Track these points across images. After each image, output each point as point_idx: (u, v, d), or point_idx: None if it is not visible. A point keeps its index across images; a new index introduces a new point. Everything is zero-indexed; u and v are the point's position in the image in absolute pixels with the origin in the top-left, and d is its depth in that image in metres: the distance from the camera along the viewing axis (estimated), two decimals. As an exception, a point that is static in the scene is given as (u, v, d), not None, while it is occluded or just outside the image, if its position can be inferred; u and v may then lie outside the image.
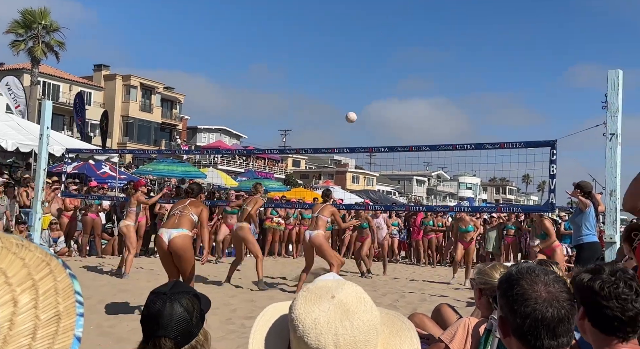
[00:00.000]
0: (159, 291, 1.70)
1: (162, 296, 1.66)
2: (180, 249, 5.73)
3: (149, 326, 1.65)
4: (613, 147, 5.98)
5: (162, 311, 1.63)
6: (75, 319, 0.65)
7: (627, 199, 2.68)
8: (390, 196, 50.44)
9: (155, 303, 1.65)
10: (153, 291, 1.73)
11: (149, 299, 1.70)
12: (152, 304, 1.66)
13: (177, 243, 5.71)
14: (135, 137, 45.57)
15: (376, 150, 8.77)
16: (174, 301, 1.65)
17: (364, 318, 1.01)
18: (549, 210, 7.98)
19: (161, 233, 5.88)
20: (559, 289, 1.37)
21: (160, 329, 1.62)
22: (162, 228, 6.04)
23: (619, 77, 6.09)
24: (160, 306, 1.64)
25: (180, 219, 5.87)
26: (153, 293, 1.71)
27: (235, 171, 41.46)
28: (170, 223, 5.91)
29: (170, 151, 31.14)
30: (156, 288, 1.75)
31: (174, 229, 5.77)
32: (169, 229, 5.81)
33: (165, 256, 5.86)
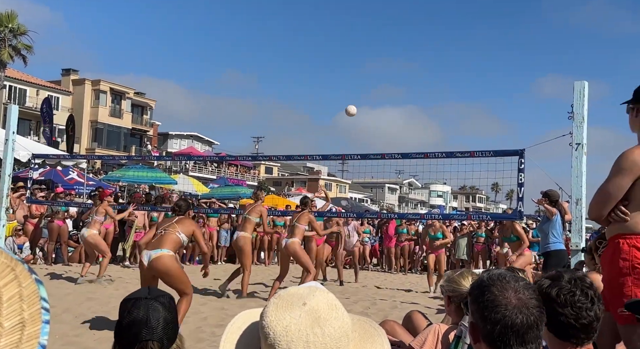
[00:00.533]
0: (138, 296, 1.69)
1: (143, 301, 1.65)
2: (161, 271, 5.27)
3: (133, 331, 1.63)
4: (579, 157, 6.13)
5: (148, 314, 1.62)
6: (40, 327, 0.63)
7: (593, 208, 2.75)
8: (363, 203, 50.68)
9: (139, 308, 1.64)
10: (129, 298, 1.71)
11: (127, 305, 1.67)
12: (136, 309, 1.64)
13: (157, 265, 5.26)
14: (105, 143, 44.78)
15: (349, 158, 8.81)
16: (157, 304, 1.65)
17: (335, 325, 1.01)
18: (518, 218, 8.14)
19: (142, 256, 5.44)
20: (529, 296, 1.39)
21: (147, 334, 1.61)
22: (144, 250, 5.52)
23: (585, 88, 6.26)
24: (146, 310, 1.63)
25: (162, 238, 5.42)
26: (131, 299, 1.69)
27: (207, 178, 41.09)
28: (152, 244, 5.44)
29: (140, 157, 30.73)
30: (131, 295, 1.73)
31: (153, 250, 5.34)
32: (149, 251, 5.37)
33: (147, 279, 5.34)
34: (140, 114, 49.41)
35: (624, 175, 2.58)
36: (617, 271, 2.57)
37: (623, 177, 2.58)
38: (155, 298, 1.67)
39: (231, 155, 21.09)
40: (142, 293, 1.71)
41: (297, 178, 61.06)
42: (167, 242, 5.39)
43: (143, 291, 1.73)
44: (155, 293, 1.71)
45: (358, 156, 8.49)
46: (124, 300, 1.71)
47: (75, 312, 6.32)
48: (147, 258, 5.32)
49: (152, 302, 1.65)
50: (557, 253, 6.84)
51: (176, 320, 1.70)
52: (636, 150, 2.61)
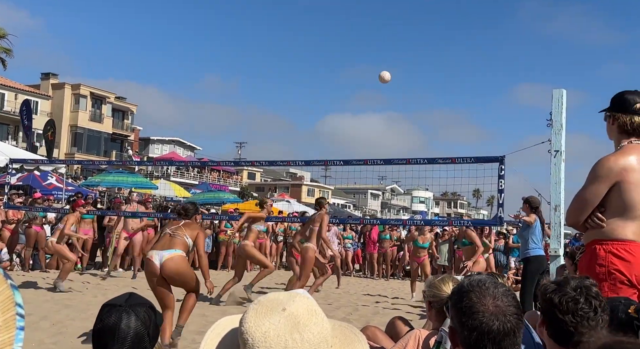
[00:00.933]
0: (114, 303, 1.63)
1: (118, 308, 1.60)
2: (176, 273, 5.04)
3: (102, 339, 1.58)
4: (557, 163, 6.23)
5: (119, 324, 1.56)
6: (14, 334, 0.61)
7: (570, 214, 2.80)
8: (345, 209, 50.74)
9: (111, 316, 1.58)
10: (107, 303, 1.66)
11: (103, 311, 1.62)
12: (107, 316, 1.59)
13: (170, 266, 5.01)
14: (84, 148, 44.23)
15: (331, 163, 8.83)
16: (131, 313, 1.59)
17: (315, 331, 1.01)
18: (498, 224, 8.23)
19: (151, 256, 5.11)
20: (507, 303, 1.39)
21: (116, 344, 1.55)
22: (151, 250, 5.23)
23: (563, 96, 6.36)
24: (117, 319, 1.57)
25: (173, 240, 5.21)
26: (108, 305, 1.64)
27: (188, 183, 40.80)
28: (161, 244, 5.19)
29: (121, 162, 30.39)
30: (111, 300, 1.68)
31: (165, 250, 5.08)
32: (160, 251, 5.11)
33: (158, 281, 5.06)
34: (121, 119, 48.93)
35: (600, 182, 2.62)
36: (593, 277, 2.60)
37: (599, 184, 2.63)
38: (130, 306, 1.60)
39: (214, 161, 20.92)
40: (120, 300, 1.65)
41: (280, 183, 60.95)
42: (178, 244, 5.21)
43: (121, 298, 1.67)
44: (134, 301, 1.65)
45: (341, 162, 8.51)
46: (102, 305, 1.66)
47: (53, 319, 6.21)
48: (159, 258, 5.07)
49: (126, 311, 1.59)
50: (536, 259, 6.92)
51: (153, 331, 1.63)
52: (612, 157, 2.66)
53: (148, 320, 1.61)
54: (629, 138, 2.70)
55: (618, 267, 2.55)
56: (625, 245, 2.58)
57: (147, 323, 1.60)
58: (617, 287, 2.53)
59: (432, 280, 2.63)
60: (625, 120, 2.68)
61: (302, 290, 1.35)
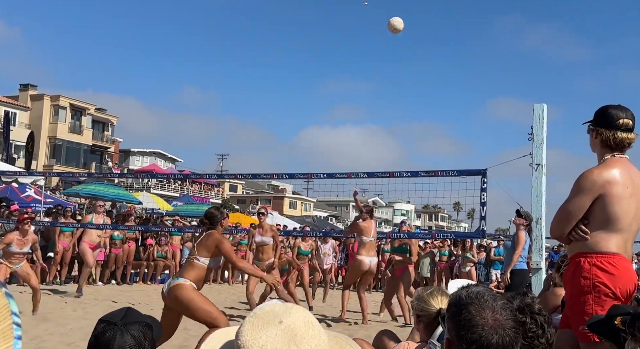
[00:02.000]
0: (110, 320, 1.59)
1: (112, 326, 1.56)
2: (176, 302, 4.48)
3: None
4: (539, 177, 6.31)
5: (112, 342, 1.53)
6: (12, 344, 0.60)
7: (554, 227, 2.82)
8: (328, 222, 50.69)
9: (105, 334, 1.54)
10: (103, 319, 1.61)
11: (98, 328, 1.58)
12: (102, 334, 1.55)
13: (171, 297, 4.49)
14: (63, 160, 43.63)
15: (315, 176, 8.84)
16: (125, 332, 1.55)
17: (312, 343, 1.00)
18: (480, 236, 8.29)
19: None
20: (506, 316, 1.40)
21: None
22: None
23: (544, 111, 6.47)
24: (111, 337, 1.53)
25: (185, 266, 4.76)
26: (103, 322, 1.59)
27: (169, 195, 40.41)
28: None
29: (101, 174, 30.03)
30: (106, 316, 1.63)
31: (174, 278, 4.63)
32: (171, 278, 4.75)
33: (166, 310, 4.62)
34: (102, 130, 48.43)
35: (583, 194, 2.66)
36: (578, 290, 2.64)
37: (583, 197, 2.66)
38: (125, 325, 1.56)
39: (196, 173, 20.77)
40: (117, 316, 1.61)
41: (261, 196, 60.73)
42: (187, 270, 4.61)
43: (118, 314, 1.62)
44: (130, 318, 1.60)
45: (324, 175, 8.52)
46: (98, 321, 1.61)
47: (31, 334, 6.07)
48: (166, 287, 4.59)
49: (120, 329, 1.55)
50: (519, 272, 6.99)
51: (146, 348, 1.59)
52: (595, 170, 2.70)
53: (143, 339, 1.57)
54: (611, 152, 2.73)
55: (602, 280, 2.58)
56: (609, 257, 2.61)
57: (141, 342, 1.56)
58: (601, 300, 2.56)
59: (421, 293, 2.63)
60: (608, 135, 2.72)
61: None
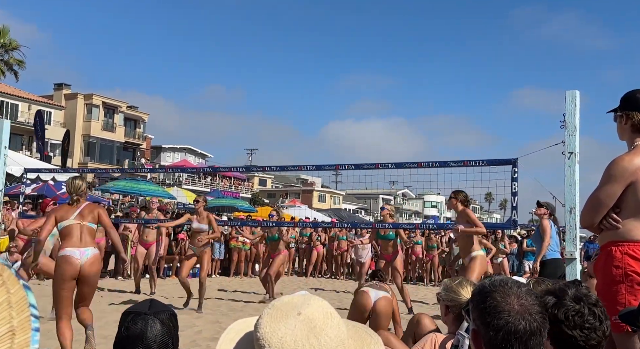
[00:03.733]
0: (138, 310, 1.65)
1: (143, 316, 1.62)
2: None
3: (128, 346, 1.60)
4: (572, 165, 6.17)
5: (145, 331, 1.58)
6: (30, 335, 0.61)
7: (584, 216, 2.76)
8: (357, 214, 50.60)
9: (137, 323, 1.60)
10: (130, 310, 1.67)
11: (127, 319, 1.64)
12: (133, 324, 1.61)
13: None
14: (97, 157, 44.60)
15: (343, 168, 8.81)
16: (156, 320, 1.61)
17: (331, 334, 1.00)
18: (512, 227, 8.16)
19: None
20: (531, 302, 1.38)
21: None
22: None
23: (576, 98, 6.31)
24: (143, 326, 1.59)
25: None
26: (131, 313, 1.65)
27: (200, 190, 40.95)
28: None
29: (133, 170, 30.58)
30: (133, 308, 1.69)
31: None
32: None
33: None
34: (133, 128, 49.29)
35: (614, 182, 2.59)
36: (610, 279, 2.57)
37: (614, 184, 2.59)
38: (154, 313, 1.63)
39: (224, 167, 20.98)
40: (143, 307, 1.67)
41: (290, 189, 60.96)
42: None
43: (144, 305, 1.69)
44: (156, 308, 1.67)
45: (352, 166, 8.49)
46: (125, 313, 1.68)
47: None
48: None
49: (151, 318, 1.61)
50: (551, 262, 6.84)
51: (175, 337, 1.66)
52: (626, 157, 2.63)
53: (172, 326, 1.64)
54: None
55: (635, 269, 2.51)
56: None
57: (171, 330, 1.63)
58: (634, 289, 2.49)
59: (449, 283, 2.60)
60: (639, 118, 2.65)
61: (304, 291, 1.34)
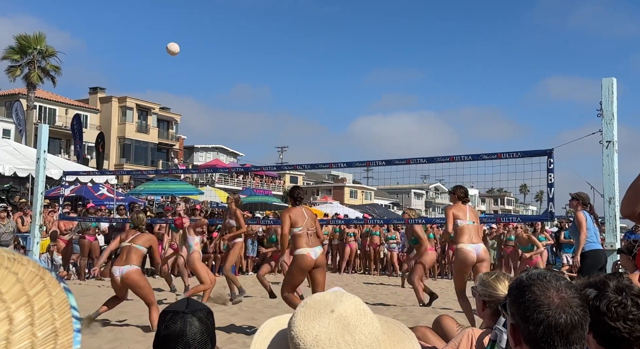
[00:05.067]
0: (176, 310, 1.69)
1: (181, 314, 1.66)
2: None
3: (169, 346, 1.64)
4: (610, 154, 6.00)
5: (184, 329, 1.63)
6: (72, 336, 0.63)
7: (624, 206, 2.67)
8: (389, 210, 50.37)
9: (176, 322, 1.64)
10: (168, 310, 1.71)
11: (166, 317, 1.68)
12: (173, 322, 1.65)
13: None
14: (132, 158, 45.56)
15: (373, 164, 8.77)
16: (194, 318, 1.65)
17: (366, 331, 0.99)
18: (549, 218, 7.98)
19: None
20: (571, 295, 1.35)
21: (183, 348, 1.62)
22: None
23: (613, 85, 6.12)
24: (182, 325, 1.64)
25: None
26: (169, 312, 1.69)
27: (232, 189, 41.44)
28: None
29: (167, 171, 31.11)
30: (171, 307, 1.74)
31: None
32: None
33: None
34: (166, 129, 50.16)
35: (657, 170, 2.49)
36: (655, 271, 2.49)
37: (656, 173, 2.50)
38: (192, 312, 1.67)
39: (256, 166, 21.29)
40: (181, 306, 1.72)
41: (322, 186, 61.08)
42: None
43: (181, 304, 1.73)
44: (193, 306, 1.71)
45: (383, 162, 8.44)
46: (163, 312, 1.72)
47: (109, 325, 6.41)
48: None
49: (189, 316, 1.65)
50: (592, 254, 6.60)
51: (213, 334, 1.70)
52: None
53: (209, 324, 1.69)
54: None
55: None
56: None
57: (209, 327, 1.68)
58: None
59: (486, 278, 2.55)
60: None
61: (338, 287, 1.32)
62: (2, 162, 13.50)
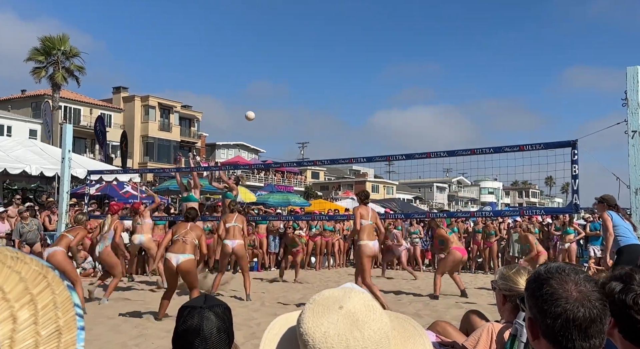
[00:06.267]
0: (193, 305, 1.70)
1: (199, 309, 1.67)
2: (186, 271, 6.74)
3: (186, 340, 1.65)
4: (636, 144, 5.87)
5: (201, 325, 1.64)
6: (76, 334, 0.63)
7: None
8: (411, 204, 50.09)
9: (194, 317, 1.66)
10: (186, 305, 1.73)
11: (184, 313, 1.69)
12: (190, 318, 1.66)
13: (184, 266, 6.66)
14: (156, 157, 46.11)
15: (394, 158, 8.73)
16: (212, 314, 1.66)
17: (375, 327, 0.98)
18: (573, 211, 7.85)
19: (169, 257, 6.72)
20: (590, 288, 1.32)
21: (201, 344, 1.63)
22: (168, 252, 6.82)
23: (638, 74, 5.98)
24: (199, 320, 1.65)
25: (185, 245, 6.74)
26: (188, 307, 1.70)
27: (254, 185, 41.65)
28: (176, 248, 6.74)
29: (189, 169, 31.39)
30: (189, 302, 1.75)
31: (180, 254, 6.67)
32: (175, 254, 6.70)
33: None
34: (188, 126, 50.63)
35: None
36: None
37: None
38: (210, 307, 1.68)
39: (277, 162, 21.34)
40: (199, 301, 1.72)
41: (343, 181, 61.00)
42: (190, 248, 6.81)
43: (199, 300, 1.74)
44: (211, 302, 1.72)
45: (403, 156, 8.40)
46: (181, 308, 1.73)
47: (134, 322, 6.51)
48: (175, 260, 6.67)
49: (207, 311, 1.66)
50: (627, 249, 6.32)
51: (231, 330, 1.70)
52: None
53: (227, 320, 1.69)
54: None
55: None
56: None
57: (226, 322, 1.68)
58: None
59: (506, 272, 2.52)
60: None
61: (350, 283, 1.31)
62: (29, 162, 13.78)
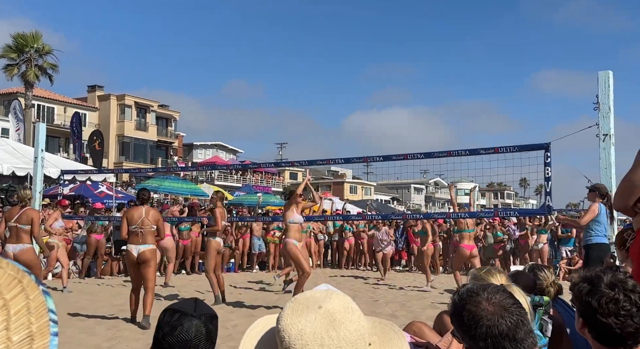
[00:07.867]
0: (184, 311, 1.62)
1: (189, 317, 1.61)
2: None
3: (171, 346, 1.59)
4: (607, 147, 6.01)
5: (190, 335, 1.59)
6: (49, 340, 0.63)
7: (617, 199, 2.67)
8: (389, 205, 50.39)
9: (183, 325, 1.59)
10: (175, 309, 1.63)
11: (172, 317, 1.61)
12: (179, 324, 1.60)
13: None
14: (132, 156, 45.49)
15: (371, 160, 8.78)
16: (202, 325, 1.61)
17: (351, 328, 1.00)
18: (546, 212, 7.99)
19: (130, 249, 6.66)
20: (501, 298, 1.41)
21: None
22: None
23: (610, 78, 6.12)
24: (188, 329, 1.59)
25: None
26: (177, 313, 1.62)
27: (232, 186, 41.41)
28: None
29: (165, 169, 31.11)
30: (176, 306, 1.66)
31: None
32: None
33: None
34: (165, 126, 50.06)
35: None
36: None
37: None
38: (199, 316, 1.62)
39: (255, 163, 21.25)
40: (189, 308, 1.65)
41: (322, 182, 61.04)
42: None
43: (189, 305, 1.66)
44: (201, 310, 1.66)
45: (380, 158, 8.45)
46: (170, 310, 1.64)
47: (108, 324, 6.43)
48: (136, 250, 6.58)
49: (197, 321, 1.61)
50: (597, 246, 6.51)
51: (214, 339, 1.65)
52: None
53: (213, 329, 1.64)
54: None
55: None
56: (680, 229, 2.44)
57: (213, 333, 1.63)
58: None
59: (477, 273, 2.56)
60: None
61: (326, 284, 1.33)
62: (1, 161, 13.49)
